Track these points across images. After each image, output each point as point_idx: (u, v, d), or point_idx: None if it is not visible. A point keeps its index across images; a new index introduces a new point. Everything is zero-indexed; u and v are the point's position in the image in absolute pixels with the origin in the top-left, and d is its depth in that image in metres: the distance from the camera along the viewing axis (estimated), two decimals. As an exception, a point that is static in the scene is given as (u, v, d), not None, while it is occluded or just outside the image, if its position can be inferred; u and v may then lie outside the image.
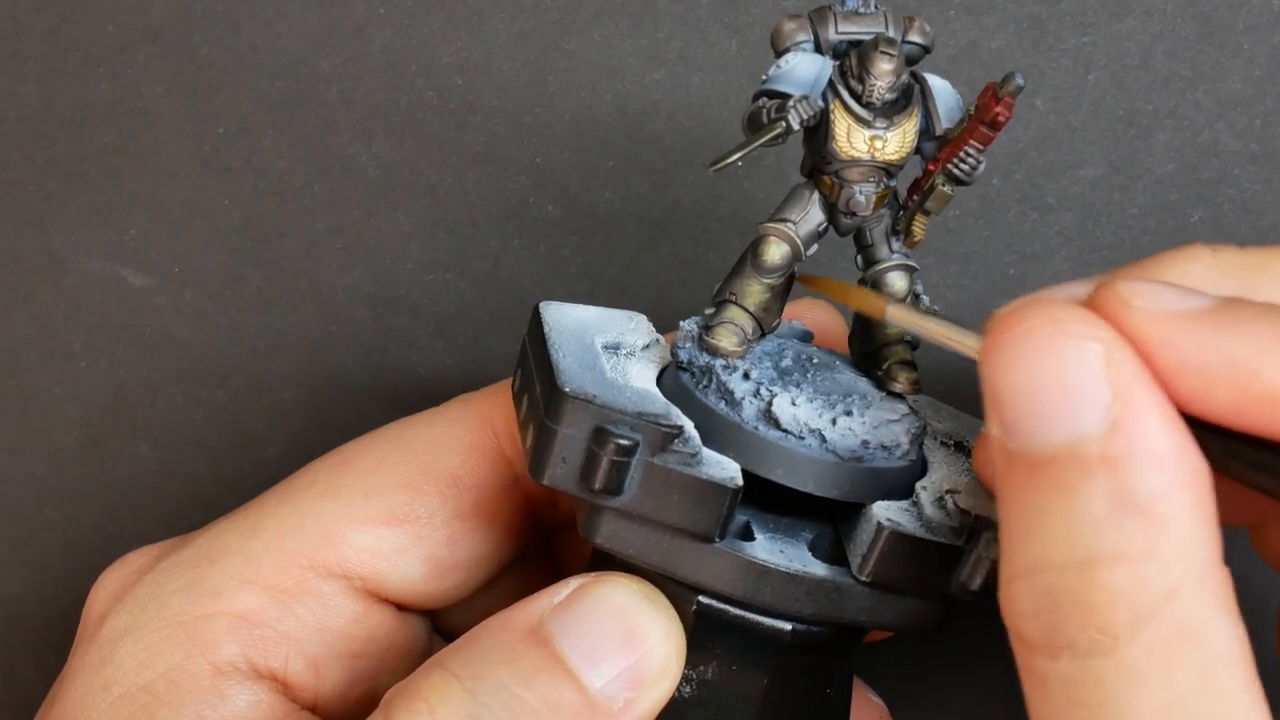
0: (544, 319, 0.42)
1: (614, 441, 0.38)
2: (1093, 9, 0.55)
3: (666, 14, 0.55)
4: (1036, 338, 0.35)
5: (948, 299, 0.56)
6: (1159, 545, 0.33)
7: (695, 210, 0.56)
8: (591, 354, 0.41)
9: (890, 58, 0.40)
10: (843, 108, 0.40)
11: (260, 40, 0.57)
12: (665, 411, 0.39)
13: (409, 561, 0.44)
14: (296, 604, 0.44)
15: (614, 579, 0.40)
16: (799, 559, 0.40)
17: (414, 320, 0.58)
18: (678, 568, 0.40)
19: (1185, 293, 0.35)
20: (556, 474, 0.38)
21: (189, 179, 0.57)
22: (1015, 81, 0.40)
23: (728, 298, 0.42)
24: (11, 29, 0.57)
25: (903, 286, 0.42)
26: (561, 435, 0.38)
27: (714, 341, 0.41)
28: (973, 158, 0.41)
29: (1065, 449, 0.34)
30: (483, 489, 0.45)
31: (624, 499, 0.38)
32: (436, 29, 0.56)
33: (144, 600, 0.44)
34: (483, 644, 0.39)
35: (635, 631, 0.39)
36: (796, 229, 0.41)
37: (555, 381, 0.39)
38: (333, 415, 0.58)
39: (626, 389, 0.40)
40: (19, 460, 0.59)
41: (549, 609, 0.40)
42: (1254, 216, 0.55)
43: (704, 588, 0.40)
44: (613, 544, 0.40)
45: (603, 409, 0.38)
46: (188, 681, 0.42)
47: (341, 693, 0.44)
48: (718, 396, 0.41)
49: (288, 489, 0.45)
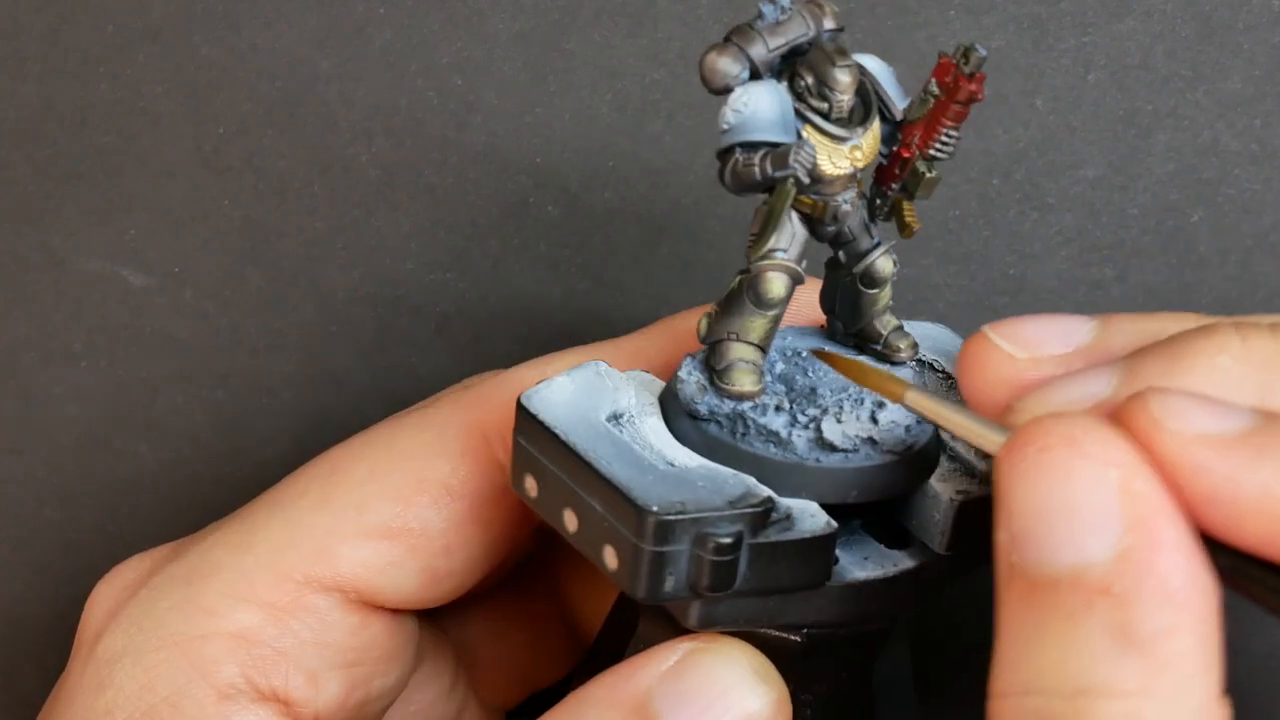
0: (540, 419, 0.40)
1: (718, 541, 0.37)
2: (1093, 9, 0.55)
3: (666, 14, 0.55)
4: (1052, 457, 0.33)
5: (948, 299, 0.56)
6: (1157, 683, 0.32)
7: (695, 210, 0.56)
8: (618, 443, 0.39)
9: (848, 68, 0.38)
10: (817, 132, 0.39)
11: (260, 40, 0.57)
12: (746, 489, 0.38)
13: (404, 573, 0.44)
14: (293, 620, 0.43)
15: (723, 649, 0.39)
16: (884, 560, 0.40)
17: (414, 320, 0.58)
18: (784, 618, 0.39)
19: (1220, 411, 0.34)
20: (663, 590, 0.37)
21: (189, 179, 0.57)
22: (978, 53, 0.39)
23: (727, 337, 0.40)
24: (11, 29, 0.57)
25: (889, 269, 0.42)
26: (660, 554, 0.37)
27: (735, 388, 0.40)
28: (953, 137, 0.40)
29: (1070, 574, 0.33)
30: (476, 496, 0.44)
31: (735, 586, 0.38)
32: (436, 29, 0.56)
33: (139, 618, 0.44)
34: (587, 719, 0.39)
35: (744, 709, 0.39)
36: (789, 256, 0.40)
37: (632, 502, 0.37)
38: (333, 415, 0.58)
39: (690, 475, 0.39)
40: (19, 460, 0.59)
41: (656, 680, 0.39)
42: (1254, 216, 0.55)
43: (814, 624, 0.40)
44: (719, 623, 0.39)
45: (697, 516, 0.37)
46: (192, 708, 0.42)
47: (339, 701, 0.44)
48: (763, 441, 0.40)
49: (278, 499, 0.45)
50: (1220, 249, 0.56)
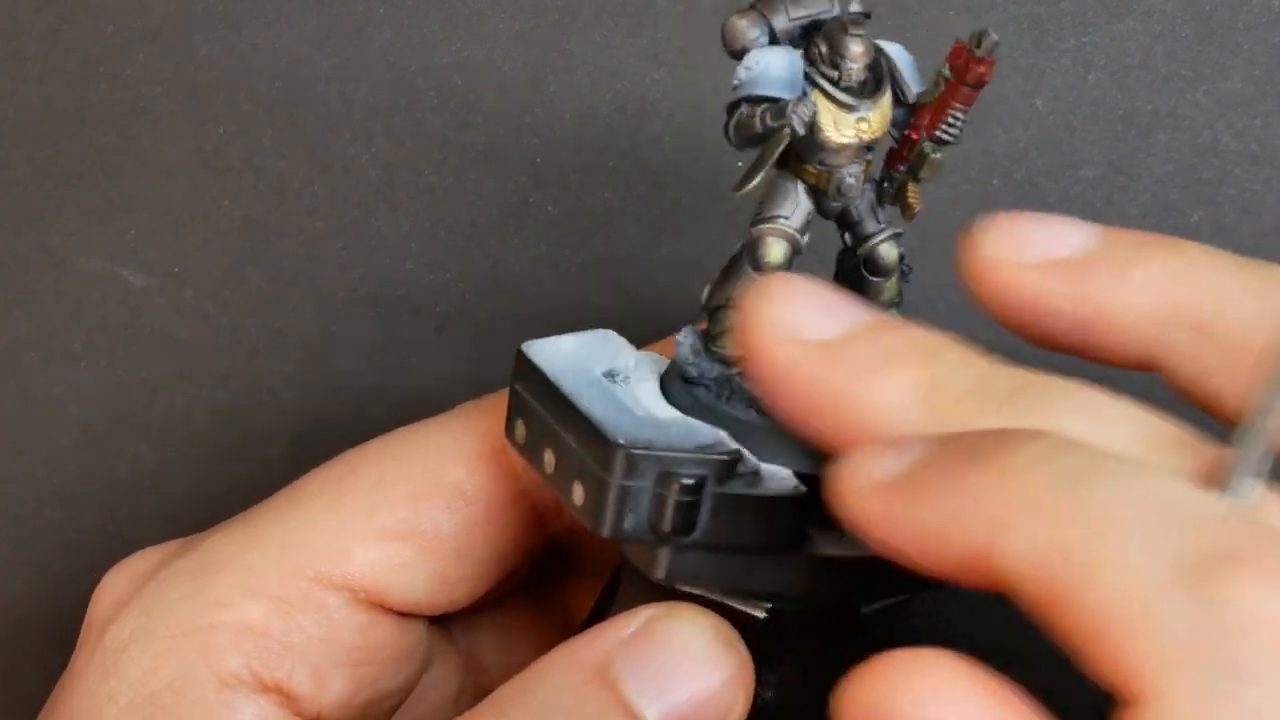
0: (537, 364, 0.41)
1: (681, 482, 0.37)
2: (1093, 9, 0.55)
3: (666, 14, 0.55)
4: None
5: (948, 299, 0.56)
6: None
7: (695, 210, 0.56)
8: (606, 391, 0.40)
9: (861, 38, 0.39)
10: (825, 97, 0.40)
11: (260, 40, 0.57)
12: (718, 439, 0.39)
13: (414, 576, 0.44)
14: (300, 615, 0.43)
15: (685, 614, 0.39)
16: (862, 544, 0.40)
17: (414, 320, 0.58)
18: (749, 583, 0.39)
19: (888, 452, 0.34)
20: (624, 527, 0.38)
21: (189, 179, 0.57)
22: (990, 37, 0.39)
23: (725, 304, 0.41)
24: (11, 29, 0.57)
25: (894, 257, 0.42)
26: (624, 488, 0.38)
27: (727, 352, 0.41)
28: (960, 120, 0.40)
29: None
30: (489, 501, 0.44)
31: (695, 534, 0.38)
32: (436, 29, 0.56)
33: (149, 608, 0.44)
34: (546, 685, 0.39)
35: (705, 674, 0.39)
36: (790, 224, 0.41)
37: (603, 435, 0.38)
38: (333, 415, 0.58)
39: (666, 423, 0.39)
40: (19, 460, 0.59)
41: (617, 646, 0.39)
42: (1254, 216, 0.55)
43: (779, 594, 0.40)
44: (683, 578, 0.39)
45: (663, 454, 0.38)
46: (193, 693, 0.42)
47: (344, 700, 0.44)
48: (746, 406, 0.40)
49: (292, 498, 0.45)
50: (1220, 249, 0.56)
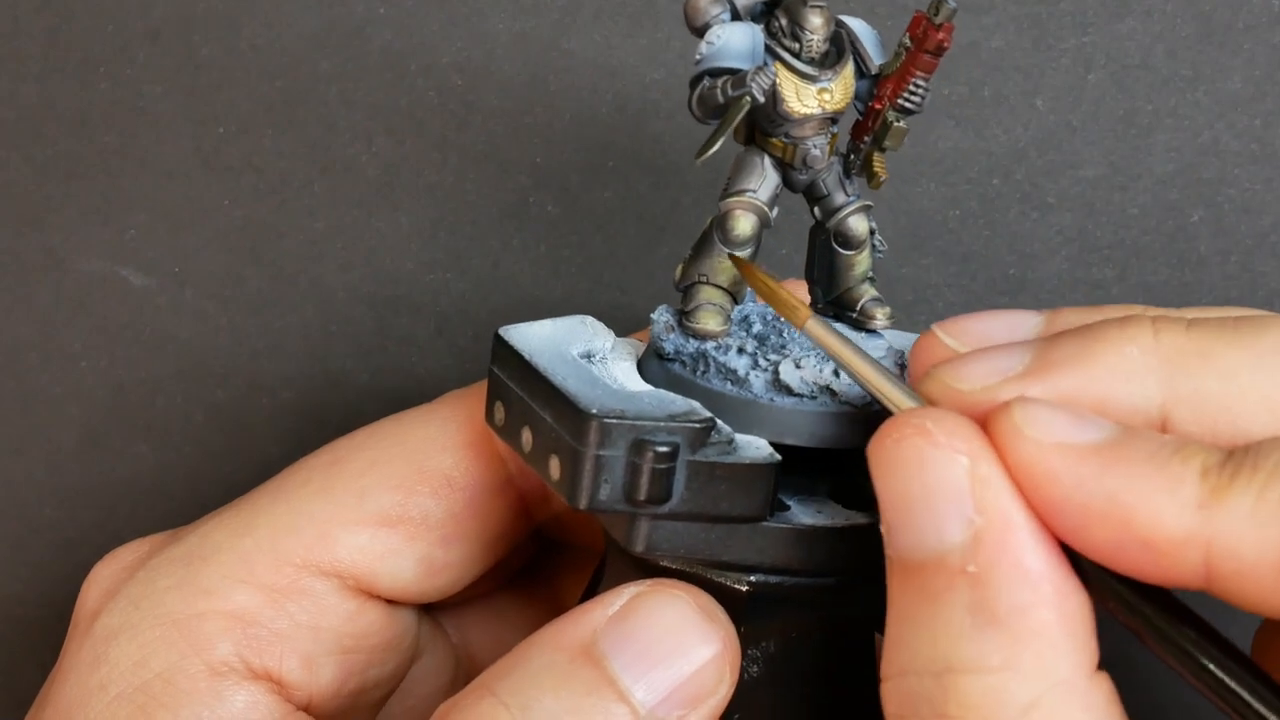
0: (514, 345, 0.41)
1: (655, 450, 0.38)
2: (1093, 9, 0.55)
3: (666, 14, 0.56)
4: (907, 447, 0.35)
5: (948, 299, 0.56)
6: (1019, 658, 0.34)
7: (695, 210, 0.56)
8: (581, 369, 0.41)
9: (820, 9, 0.40)
10: (786, 69, 0.40)
11: (260, 40, 0.57)
12: (690, 408, 0.39)
13: (402, 562, 0.44)
14: (290, 603, 0.44)
15: (667, 591, 0.40)
16: (838, 515, 0.40)
17: (414, 320, 0.58)
18: (728, 554, 0.40)
19: (1081, 423, 0.35)
20: (600, 497, 0.38)
21: (189, 179, 0.58)
22: (949, 5, 0.40)
23: (698, 280, 0.42)
24: (11, 29, 0.57)
25: (863, 229, 0.43)
26: (598, 458, 0.38)
27: (699, 326, 0.41)
28: (922, 87, 0.41)
29: (932, 558, 0.35)
30: (476, 488, 0.45)
31: (671, 503, 0.38)
32: (436, 29, 0.56)
33: (137, 598, 0.44)
34: (533, 665, 0.39)
35: (690, 648, 0.39)
36: (758, 196, 0.41)
37: (576, 406, 0.38)
38: (332, 415, 0.58)
39: (639, 395, 0.40)
40: (19, 460, 0.59)
41: (602, 623, 0.39)
42: (1254, 216, 0.55)
43: (758, 567, 0.40)
44: (661, 548, 0.39)
45: (636, 422, 0.38)
46: (184, 682, 0.42)
47: (335, 688, 0.44)
48: (721, 378, 0.41)
49: (280, 486, 0.45)
50: (1220, 249, 0.56)
